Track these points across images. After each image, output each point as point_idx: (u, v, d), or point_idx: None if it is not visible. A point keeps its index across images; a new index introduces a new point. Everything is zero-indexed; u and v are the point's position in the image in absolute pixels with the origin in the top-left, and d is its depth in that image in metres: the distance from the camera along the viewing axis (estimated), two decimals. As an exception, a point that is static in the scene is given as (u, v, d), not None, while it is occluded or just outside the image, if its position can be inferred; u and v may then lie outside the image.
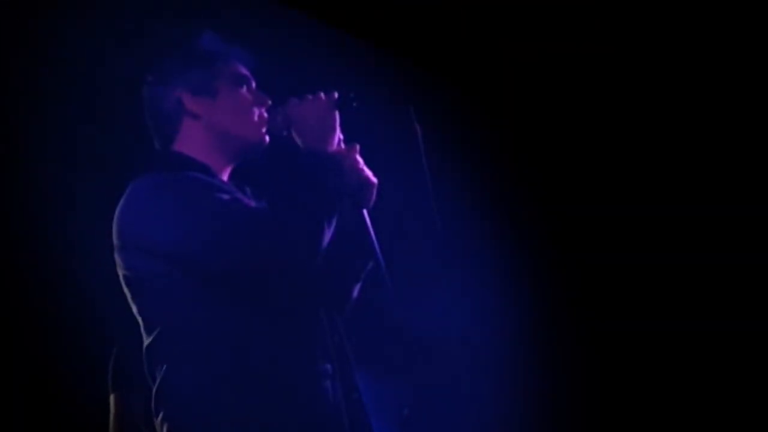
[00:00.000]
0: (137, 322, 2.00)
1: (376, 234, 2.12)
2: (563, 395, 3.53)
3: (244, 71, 2.14)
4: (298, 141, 2.04)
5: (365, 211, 2.11)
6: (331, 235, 2.03)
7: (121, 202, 1.99)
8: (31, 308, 2.97)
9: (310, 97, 2.04)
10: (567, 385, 3.55)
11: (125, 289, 2.01)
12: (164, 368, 1.92)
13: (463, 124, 3.53)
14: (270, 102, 2.12)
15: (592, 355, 3.57)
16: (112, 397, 2.54)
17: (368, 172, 2.08)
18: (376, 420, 2.15)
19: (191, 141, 2.09)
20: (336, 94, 2.05)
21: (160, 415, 1.92)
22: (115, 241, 2.00)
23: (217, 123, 2.08)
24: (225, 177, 2.12)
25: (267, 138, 2.11)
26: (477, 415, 2.86)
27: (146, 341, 1.97)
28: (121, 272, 2.00)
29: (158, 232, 1.92)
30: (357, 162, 2.07)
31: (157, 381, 1.94)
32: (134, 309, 2.00)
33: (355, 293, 2.16)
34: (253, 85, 2.14)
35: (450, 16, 3.37)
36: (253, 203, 2.06)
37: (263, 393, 1.90)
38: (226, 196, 1.97)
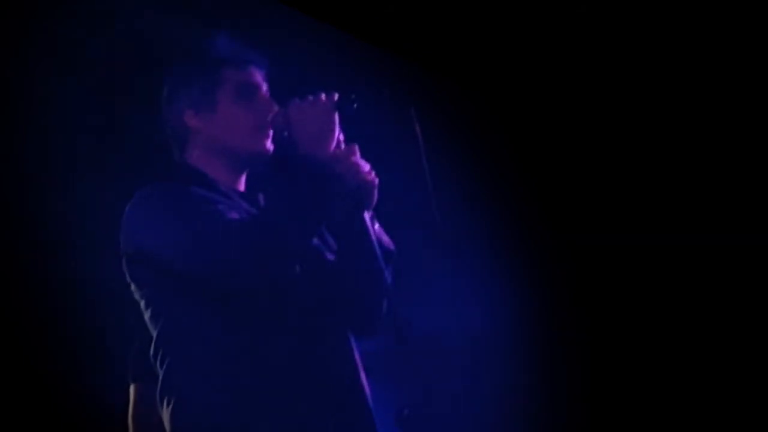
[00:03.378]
0: None
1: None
2: (562, 394, 3.53)
3: (254, 77, 2.13)
4: (298, 142, 2.03)
5: (366, 213, 2.10)
6: (332, 237, 2.04)
7: (125, 212, 2.02)
8: (53, 302, 2.99)
9: (310, 97, 2.03)
10: (566, 384, 3.55)
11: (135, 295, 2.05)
12: (165, 365, 1.96)
13: (464, 124, 3.54)
14: (277, 108, 2.11)
15: (592, 354, 3.57)
16: (132, 388, 2.57)
17: (368, 173, 2.08)
18: (376, 420, 2.16)
19: (198, 154, 2.11)
20: (336, 95, 2.04)
21: (164, 406, 1.96)
22: (121, 249, 2.05)
23: (215, 136, 2.09)
24: (238, 186, 2.13)
25: (270, 148, 2.10)
26: (478, 415, 2.87)
27: (153, 336, 2.00)
28: (127, 278, 2.04)
29: (151, 242, 1.96)
30: (356, 163, 2.07)
31: (161, 376, 1.97)
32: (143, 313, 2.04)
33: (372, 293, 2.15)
34: (264, 89, 2.14)
35: (451, 16, 3.37)
36: (243, 213, 2.04)
37: (263, 392, 1.91)
38: (216, 207, 1.97)
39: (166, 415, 1.96)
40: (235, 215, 1.98)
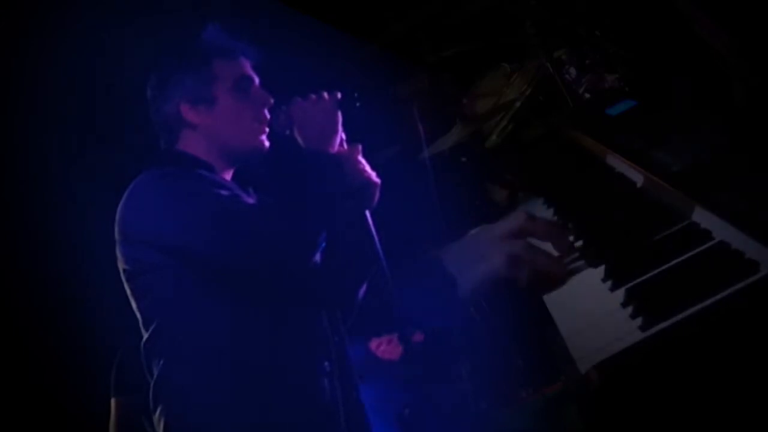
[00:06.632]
0: (139, 328, 2.00)
1: (378, 233, 2.12)
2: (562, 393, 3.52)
3: (247, 69, 2.14)
4: (300, 140, 2.04)
5: (368, 212, 2.10)
6: (333, 235, 2.04)
7: (125, 196, 2.00)
8: (35, 315, 2.97)
9: (313, 96, 2.04)
10: (565, 383, 3.55)
11: (125, 285, 2.00)
12: (161, 362, 1.93)
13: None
14: (272, 101, 2.12)
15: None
16: (113, 402, 2.55)
17: (370, 173, 2.08)
18: (376, 419, 2.15)
19: (192, 146, 2.10)
20: (339, 94, 2.04)
21: (158, 409, 1.93)
22: (117, 235, 2.00)
23: (215, 131, 2.09)
24: (227, 177, 2.13)
25: (266, 144, 2.11)
26: (478, 414, 2.87)
27: (145, 336, 1.97)
28: (121, 267, 2.00)
29: (159, 224, 1.92)
30: (359, 162, 2.07)
31: (155, 375, 1.94)
32: (134, 305, 2.00)
33: (361, 294, 2.15)
34: (257, 82, 2.14)
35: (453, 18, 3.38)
36: (252, 200, 2.06)
37: (259, 387, 1.90)
38: (226, 192, 1.97)
39: (158, 421, 1.93)
40: (252, 200, 1.98)
